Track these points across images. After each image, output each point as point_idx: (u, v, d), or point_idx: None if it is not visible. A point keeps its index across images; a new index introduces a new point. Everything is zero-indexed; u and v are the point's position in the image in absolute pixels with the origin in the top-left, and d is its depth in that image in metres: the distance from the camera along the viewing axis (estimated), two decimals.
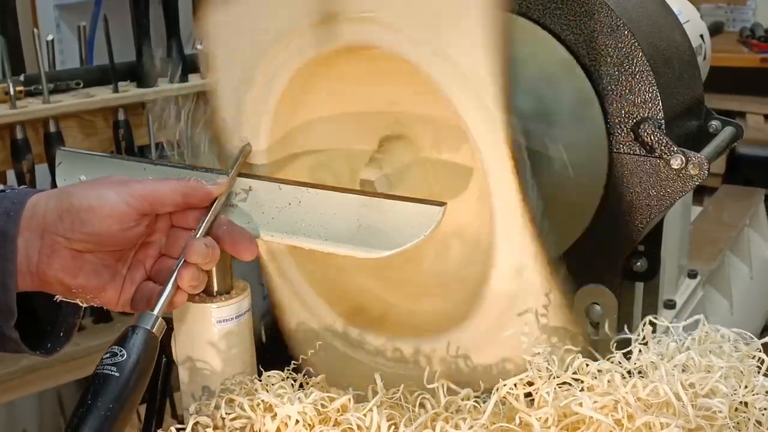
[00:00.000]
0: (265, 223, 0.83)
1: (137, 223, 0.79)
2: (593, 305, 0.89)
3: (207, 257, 0.78)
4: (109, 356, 0.72)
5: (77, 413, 0.69)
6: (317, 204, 0.82)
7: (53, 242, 0.77)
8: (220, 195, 0.82)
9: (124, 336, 0.74)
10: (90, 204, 0.77)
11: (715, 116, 0.98)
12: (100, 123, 1.77)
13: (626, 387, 0.70)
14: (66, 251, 0.77)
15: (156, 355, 0.76)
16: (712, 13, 3.36)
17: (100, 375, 0.71)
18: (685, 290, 1.38)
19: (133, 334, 0.74)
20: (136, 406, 0.72)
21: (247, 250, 0.81)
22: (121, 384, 0.71)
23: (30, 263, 0.77)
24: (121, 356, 0.72)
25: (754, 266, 1.76)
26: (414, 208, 0.80)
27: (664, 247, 0.99)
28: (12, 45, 1.77)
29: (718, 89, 2.80)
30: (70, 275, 0.78)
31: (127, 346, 0.73)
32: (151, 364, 0.75)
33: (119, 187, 0.78)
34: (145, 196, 0.78)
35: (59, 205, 0.77)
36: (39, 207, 0.78)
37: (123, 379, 0.71)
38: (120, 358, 0.72)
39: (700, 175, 0.84)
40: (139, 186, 0.79)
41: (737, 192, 2.07)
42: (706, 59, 1.09)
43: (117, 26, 1.85)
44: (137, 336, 0.74)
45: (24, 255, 0.77)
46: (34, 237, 0.77)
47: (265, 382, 0.79)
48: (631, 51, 0.85)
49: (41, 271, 0.77)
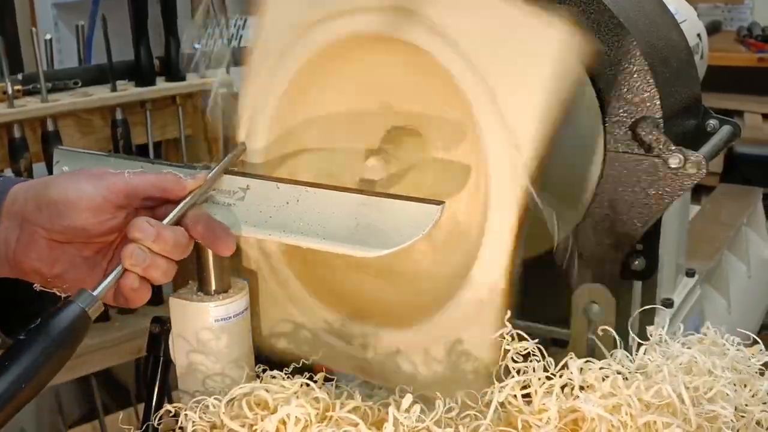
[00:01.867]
0: (263, 221, 0.83)
1: (113, 215, 0.78)
2: (591, 304, 0.89)
3: (164, 243, 0.77)
4: (32, 324, 0.71)
5: None
6: (315, 203, 0.82)
7: (32, 232, 0.77)
8: (195, 189, 0.81)
9: (55, 308, 0.73)
10: (68, 197, 0.77)
11: (713, 115, 0.99)
12: (98, 122, 1.77)
13: (629, 389, 0.70)
14: (44, 241, 0.78)
15: (84, 334, 0.74)
16: (710, 13, 3.37)
17: (16, 340, 0.70)
18: (682, 289, 1.38)
19: (60, 309, 0.73)
20: (47, 378, 0.71)
21: (224, 245, 0.81)
22: (31, 351, 0.69)
23: (8, 251, 0.78)
24: (37, 324, 0.71)
25: (752, 265, 1.76)
26: (412, 207, 0.80)
27: (662, 246, 1.00)
28: (10, 44, 1.76)
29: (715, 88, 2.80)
30: (47, 265, 0.78)
31: (48, 317, 0.72)
32: (75, 341, 0.73)
33: (97, 180, 0.78)
34: (121, 189, 0.78)
35: (38, 195, 0.78)
36: (19, 196, 0.79)
37: (32, 346, 0.70)
38: (33, 325, 0.71)
39: (698, 173, 0.84)
40: (116, 179, 0.79)
41: (735, 191, 2.07)
42: (703, 58, 1.09)
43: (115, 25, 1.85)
44: (63, 310, 0.73)
45: (2, 242, 0.78)
46: (13, 226, 0.78)
47: (266, 381, 0.79)
48: (629, 50, 0.85)
49: (18, 260, 0.78)
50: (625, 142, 0.86)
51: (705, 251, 1.60)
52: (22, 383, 0.68)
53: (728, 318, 1.59)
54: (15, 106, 1.63)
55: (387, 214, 0.80)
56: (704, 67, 1.10)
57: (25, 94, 1.67)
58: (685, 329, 0.82)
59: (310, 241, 0.82)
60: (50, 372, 0.71)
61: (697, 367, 0.75)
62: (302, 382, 0.77)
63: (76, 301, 0.74)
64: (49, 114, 1.66)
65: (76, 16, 2.05)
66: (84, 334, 0.75)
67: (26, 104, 1.65)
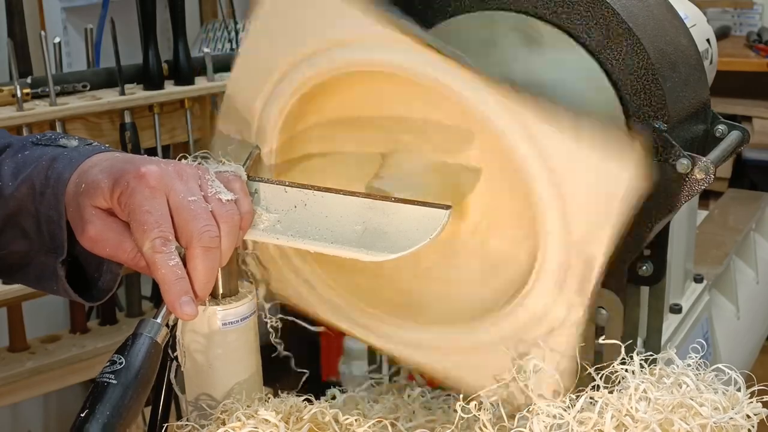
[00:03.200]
0: (270, 225, 0.83)
1: None
2: (599, 309, 0.89)
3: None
4: (109, 364, 0.72)
5: (76, 422, 0.69)
6: (323, 207, 0.82)
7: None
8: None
9: (125, 343, 0.74)
10: None
11: (722, 120, 0.98)
12: (107, 125, 1.77)
13: None
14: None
15: (159, 363, 0.75)
16: (719, 18, 3.36)
17: (100, 383, 0.71)
18: (691, 294, 1.38)
19: (134, 342, 0.74)
20: (138, 414, 0.72)
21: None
22: (119, 393, 0.70)
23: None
24: (120, 364, 0.72)
25: (760, 270, 1.75)
26: (419, 212, 0.80)
27: (670, 252, 0.99)
28: (19, 47, 1.77)
29: (724, 93, 2.80)
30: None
31: (126, 354, 0.73)
32: (153, 371, 0.74)
33: None
34: None
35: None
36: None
37: (121, 387, 0.71)
38: (119, 366, 0.72)
39: (706, 179, 0.84)
40: None
41: (743, 196, 2.07)
42: (712, 63, 1.09)
43: (124, 29, 1.86)
44: (137, 344, 0.74)
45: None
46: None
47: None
48: (638, 55, 0.85)
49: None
50: None
51: (713, 257, 1.60)
52: (116, 424, 0.70)
53: (736, 324, 1.59)
54: (24, 109, 1.63)
55: (394, 219, 0.80)
56: (713, 73, 1.10)
57: (34, 97, 1.68)
58: (693, 335, 0.81)
59: (318, 246, 0.82)
60: (138, 408, 0.72)
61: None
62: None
63: (144, 332, 0.75)
64: (57, 117, 1.66)
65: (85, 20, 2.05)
66: (158, 361, 0.75)
67: (35, 107, 1.65)
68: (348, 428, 0.79)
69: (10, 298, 1.69)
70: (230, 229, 0.77)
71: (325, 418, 0.79)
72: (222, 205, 0.77)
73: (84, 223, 0.78)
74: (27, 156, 0.85)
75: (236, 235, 0.78)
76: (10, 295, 1.67)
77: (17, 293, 1.66)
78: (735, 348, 1.54)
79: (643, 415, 0.72)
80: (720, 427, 0.73)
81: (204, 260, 0.75)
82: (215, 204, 0.77)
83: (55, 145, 0.85)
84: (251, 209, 0.81)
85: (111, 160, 0.81)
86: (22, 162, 0.84)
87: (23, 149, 0.86)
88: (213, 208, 0.77)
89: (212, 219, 0.76)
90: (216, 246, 0.76)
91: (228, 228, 0.77)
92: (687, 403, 0.74)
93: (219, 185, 0.79)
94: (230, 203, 0.78)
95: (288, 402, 0.81)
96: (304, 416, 0.79)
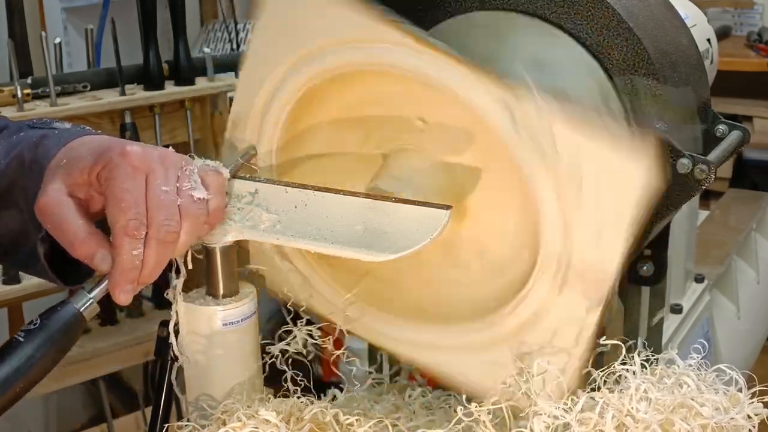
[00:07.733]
0: (271, 226, 0.83)
1: None
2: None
3: None
4: (28, 324, 0.73)
5: None
6: (323, 207, 0.82)
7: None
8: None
9: (52, 307, 0.75)
10: None
11: (722, 120, 0.98)
12: (107, 125, 1.77)
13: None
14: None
15: (79, 335, 0.76)
16: (720, 17, 3.36)
17: (12, 340, 0.72)
18: (691, 295, 1.38)
19: (60, 309, 0.75)
20: (42, 377, 0.73)
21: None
22: (25, 352, 0.71)
23: None
24: (34, 325, 0.73)
25: (761, 271, 1.75)
26: (420, 212, 0.80)
27: (671, 252, 0.99)
28: (19, 47, 1.77)
29: (725, 93, 2.80)
30: None
31: (45, 318, 0.74)
32: (70, 341, 0.75)
33: None
34: None
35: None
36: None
37: (29, 347, 0.72)
38: (32, 326, 0.73)
39: (706, 179, 0.84)
40: None
41: (744, 196, 2.07)
42: (713, 63, 1.09)
43: (124, 29, 1.86)
44: (62, 311, 0.74)
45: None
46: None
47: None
48: (638, 55, 0.85)
49: None
50: None
51: (714, 257, 1.60)
52: (13, 380, 0.70)
53: (737, 324, 1.59)
54: (24, 109, 1.64)
55: (395, 219, 0.80)
56: (714, 72, 1.10)
57: (35, 97, 1.68)
58: (694, 335, 0.81)
59: (318, 246, 0.82)
60: (42, 370, 0.73)
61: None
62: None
63: (72, 302, 0.75)
64: (57, 117, 1.66)
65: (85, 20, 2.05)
66: (78, 334, 0.76)
67: (35, 108, 1.66)
68: (349, 428, 0.79)
69: (10, 298, 1.69)
70: (192, 228, 0.77)
71: (325, 418, 0.79)
72: (192, 202, 0.77)
73: (42, 193, 0.77)
74: (21, 137, 0.85)
75: (197, 233, 0.79)
76: (10, 295, 1.67)
77: (17, 293, 1.66)
78: (736, 348, 1.55)
79: (643, 415, 0.72)
80: (721, 428, 0.73)
81: (157, 252, 0.75)
82: (186, 200, 0.77)
83: (49, 128, 0.86)
84: (221, 207, 0.81)
85: (100, 140, 0.81)
86: (16, 142, 0.85)
87: (19, 131, 0.86)
88: (182, 203, 0.77)
89: (177, 214, 0.76)
90: (172, 241, 0.76)
91: (190, 226, 0.77)
92: (688, 404, 0.74)
93: (197, 180, 0.79)
94: (201, 201, 0.78)
95: (288, 402, 0.81)
96: (304, 416, 0.79)
